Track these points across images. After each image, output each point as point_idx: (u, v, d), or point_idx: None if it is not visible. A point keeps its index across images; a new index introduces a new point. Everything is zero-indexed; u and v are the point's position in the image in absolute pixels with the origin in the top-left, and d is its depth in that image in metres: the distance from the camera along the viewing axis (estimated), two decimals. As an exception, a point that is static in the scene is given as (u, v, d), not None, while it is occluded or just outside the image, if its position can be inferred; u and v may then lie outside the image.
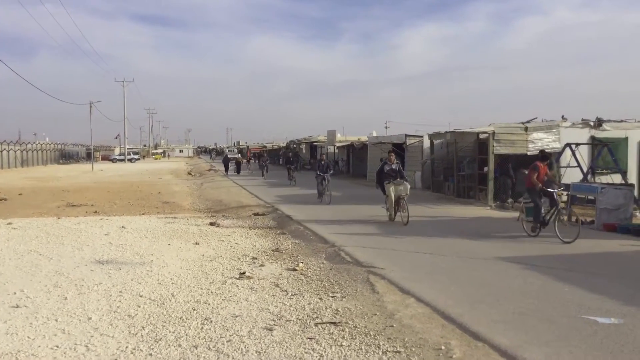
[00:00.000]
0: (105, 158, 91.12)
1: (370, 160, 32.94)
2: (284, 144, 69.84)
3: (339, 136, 44.31)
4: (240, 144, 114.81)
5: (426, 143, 25.78)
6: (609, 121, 19.74)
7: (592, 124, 19.58)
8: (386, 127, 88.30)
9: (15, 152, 60.04)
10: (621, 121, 20.04)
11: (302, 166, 52.29)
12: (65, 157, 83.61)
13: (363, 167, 35.56)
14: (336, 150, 44.93)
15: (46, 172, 48.91)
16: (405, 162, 27.99)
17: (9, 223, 14.76)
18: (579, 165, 17.07)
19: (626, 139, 19.25)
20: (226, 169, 43.51)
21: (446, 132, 22.68)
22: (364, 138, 39.45)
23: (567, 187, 15.42)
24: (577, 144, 17.45)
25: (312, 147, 53.90)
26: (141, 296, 7.57)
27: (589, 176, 17.16)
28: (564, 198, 16.16)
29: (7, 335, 5.93)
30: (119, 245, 11.54)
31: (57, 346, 5.61)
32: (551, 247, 10.88)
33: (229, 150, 77.76)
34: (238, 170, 42.62)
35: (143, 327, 6.23)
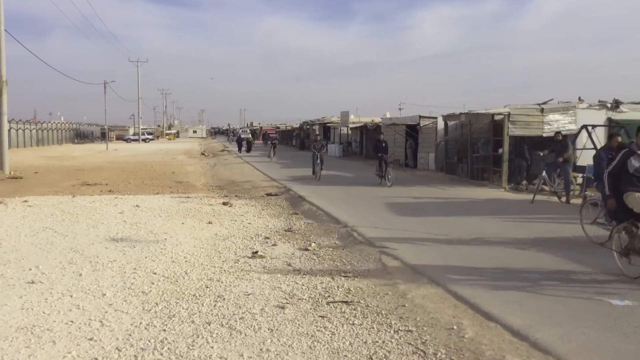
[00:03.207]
0: (120, 138, 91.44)
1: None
2: (297, 125, 69.66)
3: (352, 117, 44.10)
4: (254, 124, 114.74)
5: (440, 124, 25.59)
6: (626, 103, 19.44)
7: (609, 105, 19.30)
8: (400, 109, 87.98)
9: (30, 131, 60.48)
10: (639, 103, 19.72)
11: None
12: (80, 136, 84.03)
13: (388, 147, 35.37)
14: (349, 132, 44.77)
15: (61, 152, 49.28)
16: (418, 144, 27.88)
17: (25, 201, 14.91)
18: (595, 148, 16.85)
19: (644, 120, 18.97)
20: (239, 148, 47.43)
21: (460, 114, 22.45)
22: (377, 119, 39.24)
23: (583, 169, 15.30)
24: (594, 126, 17.23)
25: (326, 128, 53.74)
26: (155, 273, 7.63)
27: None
28: (579, 180, 16.04)
29: (22, 310, 6.01)
30: (133, 223, 11.62)
31: (72, 321, 5.68)
32: (564, 228, 10.79)
33: (242, 131, 78.07)
34: (248, 149, 46.38)
35: (157, 304, 6.28)
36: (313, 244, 9.68)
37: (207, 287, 6.98)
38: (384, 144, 20.71)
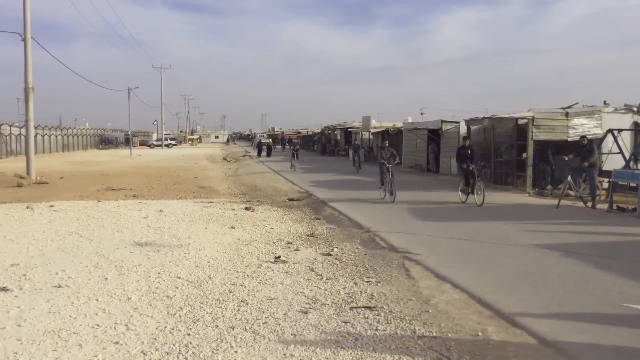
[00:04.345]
0: (143, 143, 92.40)
1: (406, 146, 32.69)
2: (319, 130, 69.74)
3: (373, 122, 44.09)
4: (275, 129, 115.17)
5: (463, 129, 25.38)
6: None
7: (635, 109, 19.01)
8: (421, 113, 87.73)
9: (56, 137, 61.41)
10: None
11: (337, 152, 52.32)
12: (105, 142, 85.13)
13: (398, 153, 35.30)
14: (371, 137, 44.72)
15: (86, 157, 49.97)
16: (441, 148, 27.71)
17: (51, 206, 15.14)
18: (621, 152, 16.62)
19: (672, 124, 18.65)
20: (259, 153, 49.36)
21: (484, 118, 22.28)
22: (399, 124, 39.17)
23: (608, 173, 15.07)
24: (620, 130, 16.99)
25: (347, 133, 53.75)
26: (179, 278, 7.69)
27: (632, 163, 16.70)
28: (605, 185, 15.80)
29: (49, 314, 6.10)
30: (157, 228, 11.73)
31: (98, 325, 5.75)
32: (591, 235, 10.64)
33: (261, 136, 78.89)
34: (269, 154, 48.53)
35: (181, 308, 6.33)
36: (335, 249, 9.67)
37: (230, 292, 7.01)
38: (469, 151, 16.13)
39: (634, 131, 18.36)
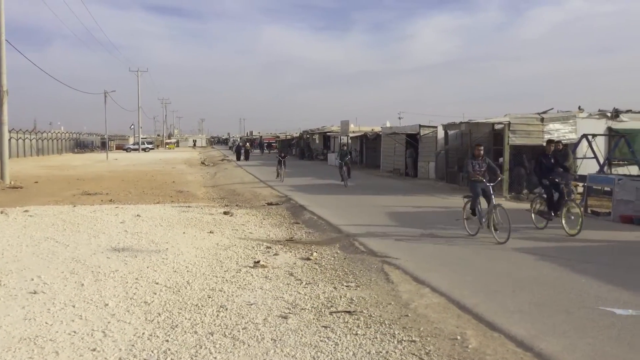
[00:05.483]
0: (120, 147, 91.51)
1: (384, 150, 32.86)
2: (297, 134, 69.74)
3: (352, 126, 44.12)
4: (254, 133, 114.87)
5: (440, 134, 25.63)
6: (626, 112, 19.49)
7: (609, 114, 19.34)
8: (400, 118, 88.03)
9: (30, 140, 60.48)
10: (639, 112, 19.77)
11: (315, 156, 52.42)
12: (80, 146, 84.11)
13: (376, 157, 35.51)
14: (349, 141, 44.82)
15: (61, 161, 49.32)
16: (419, 153, 27.91)
17: (26, 210, 14.90)
18: (595, 157, 16.88)
19: (644, 129, 19.00)
20: (238, 157, 49.58)
21: (461, 123, 22.51)
22: (377, 128, 39.29)
23: (583, 178, 15.30)
24: (594, 135, 17.25)
25: (326, 137, 53.84)
26: (157, 283, 7.62)
27: (606, 167, 16.98)
28: (580, 189, 16.04)
29: (25, 321, 6.00)
30: (135, 233, 11.61)
31: (75, 332, 5.67)
32: (567, 239, 10.79)
33: (240, 140, 79.20)
34: (247, 157, 48.73)
35: (159, 314, 6.27)
36: (315, 254, 9.67)
37: (209, 297, 6.96)
38: (552, 160, 12.08)
39: (608, 136, 18.67)
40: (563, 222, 11.35)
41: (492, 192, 11.02)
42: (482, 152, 11.42)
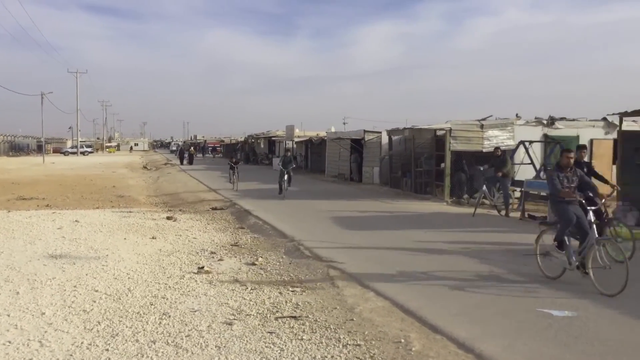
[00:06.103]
0: (57, 151, 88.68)
1: (329, 155, 33.02)
2: (242, 139, 69.26)
3: (297, 131, 44.18)
4: (198, 137, 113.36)
5: (384, 139, 25.95)
6: (561, 119, 20.27)
7: (545, 122, 20.06)
8: (344, 123, 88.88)
9: (-39, 143, 57.90)
10: (573, 120, 20.59)
11: (260, 161, 52.21)
12: (15, 149, 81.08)
13: (321, 162, 35.66)
14: (295, 146, 44.86)
15: (-6, 165, 47.29)
16: (363, 158, 28.18)
17: (-44, 216, 14.22)
18: (532, 162, 17.46)
19: (577, 137, 19.76)
20: (181, 161, 48.89)
21: (404, 129, 22.84)
22: (322, 133, 39.47)
23: (520, 183, 15.81)
24: (531, 142, 17.85)
25: (271, 142, 53.70)
26: (96, 291, 7.40)
27: (542, 173, 17.58)
28: (517, 194, 16.58)
29: (-46, 332, 5.72)
30: (73, 239, 11.25)
31: (10, 342, 5.44)
32: (505, 242, 11.10)
33: (183, 144, 78.10)
34: (190, 162, 47.96)
35: (99, 322, 6.09)
36: (260, 259, 9.61)
37: (151, 305, 6.81)
38: (584, 169, 9.33)
39: (544, 143, 19.36)
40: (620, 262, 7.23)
41: (592, 218, 7.70)
42: (572, 160, 8.15)
